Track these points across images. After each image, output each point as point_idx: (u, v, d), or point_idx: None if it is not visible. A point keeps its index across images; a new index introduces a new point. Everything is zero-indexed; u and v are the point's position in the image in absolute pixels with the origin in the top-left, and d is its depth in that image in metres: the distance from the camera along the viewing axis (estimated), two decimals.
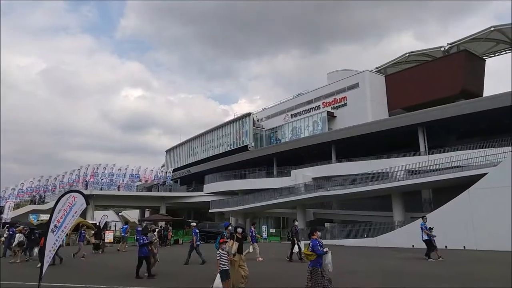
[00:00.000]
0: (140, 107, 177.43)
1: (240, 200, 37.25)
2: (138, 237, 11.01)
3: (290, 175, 36.31)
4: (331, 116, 41.31)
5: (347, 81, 41.09)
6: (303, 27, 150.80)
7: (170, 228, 26.91)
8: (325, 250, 6.52)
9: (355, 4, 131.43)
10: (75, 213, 7.81)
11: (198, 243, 13.94)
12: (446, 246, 18.01)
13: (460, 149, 24.90)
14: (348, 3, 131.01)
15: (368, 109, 38.30)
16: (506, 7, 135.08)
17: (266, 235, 31.22)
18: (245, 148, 46.25)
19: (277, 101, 50.96)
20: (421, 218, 15.03)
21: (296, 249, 14.35)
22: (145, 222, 28.67)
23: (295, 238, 14.58)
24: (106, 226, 31.85)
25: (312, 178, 33.67)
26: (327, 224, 30.82)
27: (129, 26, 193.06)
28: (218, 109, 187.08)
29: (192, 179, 53.32)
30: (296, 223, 16.60)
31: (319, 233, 7.15)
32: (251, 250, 15.04)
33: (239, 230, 8.94)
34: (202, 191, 45.63)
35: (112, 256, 18.71)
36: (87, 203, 8.09)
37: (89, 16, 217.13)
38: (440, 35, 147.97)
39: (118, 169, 47.89)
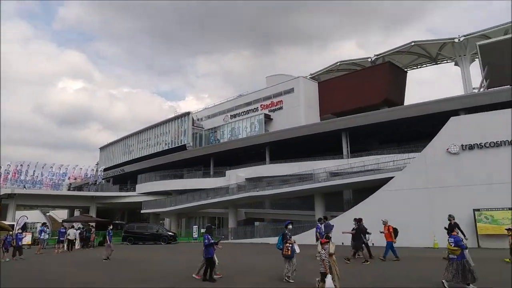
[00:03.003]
0: (79, 100, 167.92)
1: (173, 200, 36.97)
2: (204, 236, 9.84)
3: (225, 176, 36.83)
4: (268, 119, 42.50)
5: (283, 86, 42.53)
6: (254, 28, 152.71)
7: (93, 229, 26.01)
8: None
9: (305, 10, 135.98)
10: None
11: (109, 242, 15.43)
12: (373, 244, 19.12)
13: (381, 154, 27.10)
14: (299, 8, 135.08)
15: (302, 113, 39.98)
16: (437, 23, 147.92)
17: (196, 235, 31.38)
18: (183, 148, 45.92)
19: (220, 101, 51.26)
20: (321, 219, 15.62)
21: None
22: (66, 222, 27.40)
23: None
24: (25, 227, 30.00)
25: (245, 178, 34.48)
26: (256, 223, 31.75)
27: (70, 15, 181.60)
28: (164, 105, 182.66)
29: (126, 178, 51.72)
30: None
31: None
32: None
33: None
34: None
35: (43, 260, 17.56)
36: None
37: (26, 2, 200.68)
38: (380, 44, 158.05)
39: (42, 166, 44.97)
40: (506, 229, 13.51)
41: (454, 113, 23.40)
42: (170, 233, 30.06)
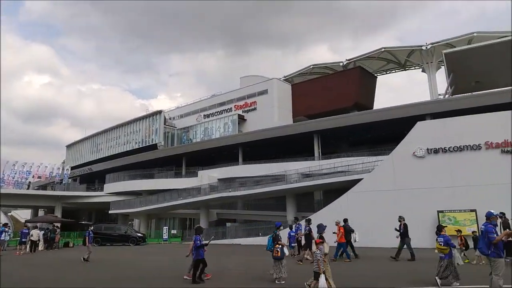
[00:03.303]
0: (46, 95, 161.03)
1: (143, 200, 36.24)
2: (194, 237, 9.53)
3: (197, 176, 36.49)
4: (242, 119, 42.49)
5: (257, 87, 42.68)
6: (229, 28, 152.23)
7: (58, 230, 25.06)
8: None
9: (280, 13, 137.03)
10: None
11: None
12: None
13: (351, 156, 27.76)
14: (274, 10, 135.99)
15: (275, 115, 40.27)
16: (406, 31, 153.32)
17: (167, 237, 30.90)
18: (154, 147, 45.06)
19: (194, 100, 50.71)
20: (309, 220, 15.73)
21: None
22: (30, 223, 26.25)
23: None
24: None
25: (218, 179, 34.32)
26: (228, 224, 31.71)
27: (37, 7, 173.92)
28: (135, 103, 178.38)
29: (94, 177, 50.17)
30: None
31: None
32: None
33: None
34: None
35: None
36: None
37: None
38: (351, 50, 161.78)
39: (5, 164, 42.95)
40: (456, 230, 14.12)
41: (421, 118, 24.34)
42: (139, 234, 29.48)
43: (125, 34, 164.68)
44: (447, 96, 33.11)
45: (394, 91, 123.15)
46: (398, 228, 14.19)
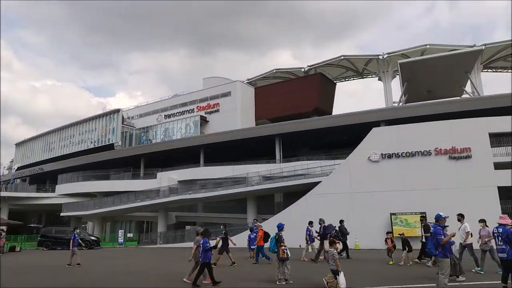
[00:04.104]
0: None
1: (98, 202, 34.79)
2: (202, 240, 9.26)
3: (156, 178, 35.63)
4: (204, 121, 42.12)
5: (220, 89, 42.54)
6: (194, 28, 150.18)
7: (4, 233, 23.41)
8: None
9: (245, 16, 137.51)
10: None
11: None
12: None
13: (310, 159, 28.39)
14: (239, 14, 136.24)
15: (238, 117, 40.30)
16: (365, 40, 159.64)
17: (122, 240, 29.84)
18: (111, 147, 43.46)
19: (154, 99, 49.52)
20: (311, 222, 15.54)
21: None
22: None
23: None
24: None
25: (178, 181, 33.73)
26: (188, 227, 31.22)
27: None
28: (92, 101, 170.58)
29: (45, 178, 47.48)
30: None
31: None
32: (310, 250, 15.11)
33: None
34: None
35: None
36: None
37: None
38: (313, 57, 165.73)
39: None
40: (387, 232, 14.38)
41: (376, 124, 25.44)
42: (92, 238, 28.27)
43: (84, 29, 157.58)
44: (401, 104, 34.87)
45: (352, 97, 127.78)
46: (318, 231, 14.59)
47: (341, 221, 15.39)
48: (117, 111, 45.48)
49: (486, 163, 20.01)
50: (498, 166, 20.07)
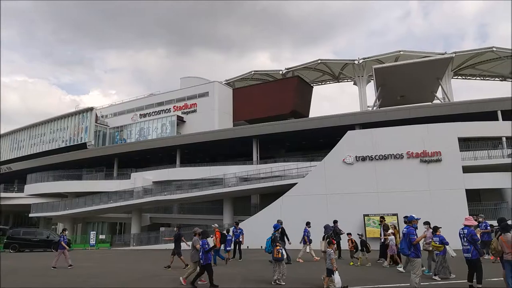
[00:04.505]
0: None
1: (69, 203, 33.70)
2: (201, 242, 9.25)
3: (130, 178, 34.90)
4: (180, 121, 41.68)
5: (198, 89, 42.23)
6: (171, 27, 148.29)
7: None
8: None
9: (225, 17, 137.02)
10: None
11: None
12: (247, 247, 19.05)
13: (287, 161, 28.58)
14: (219, 14, 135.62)
15: (215, 118, 40.15)
16: (342, 45, 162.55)
17: (94, 242, 29.05)
18: (83, 146, 42.27)
19: (130, 98, 48.50)
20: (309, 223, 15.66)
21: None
22: None
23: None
24: None
25: (153, 182, 33.16)
26: (162, 229, 30.76)
27: None
28: (65, 99, 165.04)
29: (14, 177, 45.62)
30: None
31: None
32: (307, 250, 15.22)
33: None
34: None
35: None
36: None
37: None
38: (290, 60, 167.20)
39: None
40: (347, 233, 14.63)
41: (351, 127, 25.96)
42: None
43: (57, 24, 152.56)
44: (375, 108, 35.73)
45: (328, 101, 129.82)
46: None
47: (335, 222, 15.58)
48: (91, 109, 44.31)
49: (455, 167, 20.78)
50: (466, 169, 20.90)
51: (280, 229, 10.51)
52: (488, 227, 14.04)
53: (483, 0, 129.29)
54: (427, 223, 11.50)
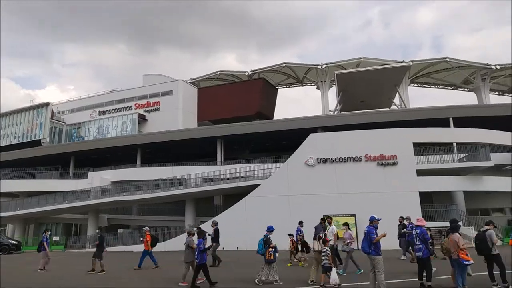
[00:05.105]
0: None
1: (20, 203, 31.78)
2: (198, 241, 9.38)
3: (87, 178, 33.50)
4: (142, 119, 40.66)
5: (162, 87, 41.40)
6: (135, 22, 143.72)
7: None
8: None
9: (192, 16, 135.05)
10: None
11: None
12: (223, 248, 19.79)
13: (251, 162, 28.67)
14: (186, 12, 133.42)
15: (179, 117, 39.56)
16: (307, 50, 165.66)
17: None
18: (37, 143, 40.07)
19: (89, 94, 46.56)
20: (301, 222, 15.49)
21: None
22: None
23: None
24: None
25: (112, 181, 32.04)
26: (120, 230, 29.84)
27: None
28: (19, 93, 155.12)
29: None
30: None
31: None
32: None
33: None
34: None
35: None
36: None
37: None
38: (256, 62, 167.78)
39: None
40: (288, 234, 14.84)
41: (314, 130, 26.57)
42: (12, 242, 25.84)
43: (11, 14, 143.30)
44: (336, 112, 36.79)
45: (292, 104, 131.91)
46: (210, 233, 14.44)
47: (322, 220, 15.71)
48: (46, 104, 42.14)
49: (410, 170, 21.89)
50: (420, 173, 22.06)
51: (271, 231, 10.58)
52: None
53: (439, 13, 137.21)
54: (346, 224, 12.00)
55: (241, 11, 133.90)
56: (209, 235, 14.38)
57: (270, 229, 10.48)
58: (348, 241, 11.20)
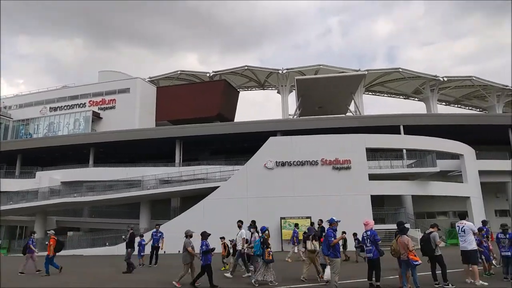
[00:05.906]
0: None
1: None
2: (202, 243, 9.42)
3: (35, 177, 31.56)
4: (96, 117, 39.04)
5: (118, 84, 40.02)
6: (92, 16, 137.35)
7: None
8: None
9: (154, 13, 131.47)
10: None
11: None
12: (164, 252, 18.04)
13: (211, 164, 28.44)
14: (147, 10, 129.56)
15: (136, 116, 38.43)
16: (269, 54, 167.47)
17: None
18: None
19: (39, 89, 43.86)
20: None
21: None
22: None
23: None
24: None
25: (61, 182, 30.42)
26: (70, 233, 28.42)
27: None
28: None
29: None
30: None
31: None
32: (296, 250, 15.52)
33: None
34: None
35: None
36: None
37: None
38: (218, 64, 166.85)
39: None
40: (220, 237, 14.33)
41: (273, 133, 26.93)
42: None
43: None
44: (295, 116, 37.59)
45: (253, 107, 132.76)
46: (125, 237, 14.31)
47: (318, 222, 15.53)
48: None
49: (362, 174, 22.83)
50: (372, 177, 23.07)
51: (265, 231, 10.53)
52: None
53: (394, 26, 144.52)
54: (253, 227, 12.02)
55: (208, 12, 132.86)
56: (123, 240, 14.11)
57: (263, 230, 10.54)
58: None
